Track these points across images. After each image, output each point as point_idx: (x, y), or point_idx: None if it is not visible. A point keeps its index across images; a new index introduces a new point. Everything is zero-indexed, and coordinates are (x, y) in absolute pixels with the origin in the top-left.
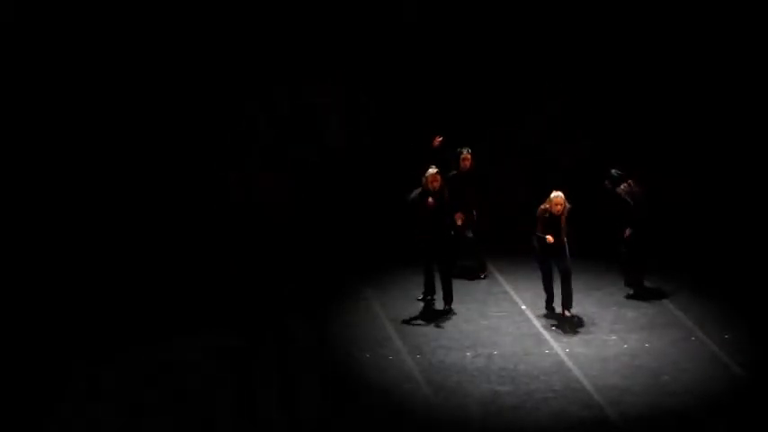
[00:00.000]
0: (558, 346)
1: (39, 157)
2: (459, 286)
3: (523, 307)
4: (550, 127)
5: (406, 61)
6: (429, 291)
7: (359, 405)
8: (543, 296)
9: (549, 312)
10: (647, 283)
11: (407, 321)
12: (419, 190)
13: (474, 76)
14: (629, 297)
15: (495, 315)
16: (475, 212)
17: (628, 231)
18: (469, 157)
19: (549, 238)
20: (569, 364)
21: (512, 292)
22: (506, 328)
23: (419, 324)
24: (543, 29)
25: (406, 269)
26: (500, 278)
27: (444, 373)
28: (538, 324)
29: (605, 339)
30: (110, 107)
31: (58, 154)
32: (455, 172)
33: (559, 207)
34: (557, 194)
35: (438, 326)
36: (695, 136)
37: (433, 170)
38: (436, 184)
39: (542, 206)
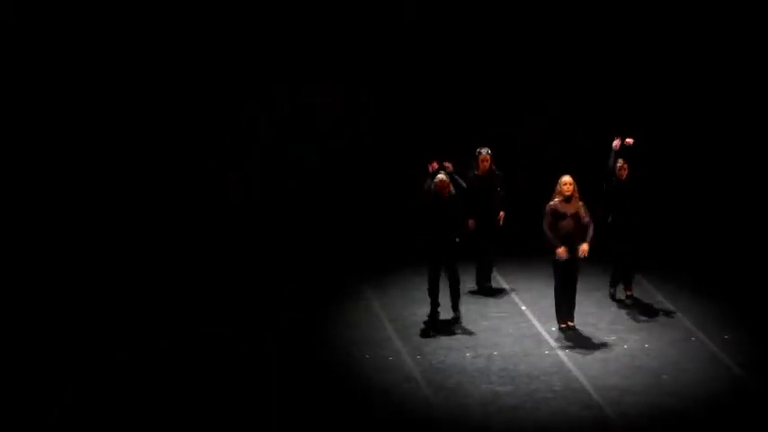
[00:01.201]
0: (558, 347)
1: (39, 157)
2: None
3: (523, 308)
4: (550, 127)
5: (406, 61)
6: (435, 303)
7: (359, 405)
8: (544, 299)
9: (563, 330)
10: (631, 292)
11: (407, 322)
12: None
13: (474, 77)
14: (628, 297)
15: (496, 316)
16: (501, 214)
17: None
18: (489, 157)
19: (561, 251)
20: (569, 364)
21: (512, 293)
22: (506, 329)
23: (419, 325)
24: (543, 29)
25: (406, 269)
26: (500, 279)
27: (444, 373)
28: (538, 324)
29: (605, 339)
30: (110, 107)
31: (58, 154)
32: (475, 173)
33: (569, 187)
34: (564, 176)
35: (438, 326)
36: (695, 136)
37: (441, 176)
38: (445, 192)
39: (551, 201)
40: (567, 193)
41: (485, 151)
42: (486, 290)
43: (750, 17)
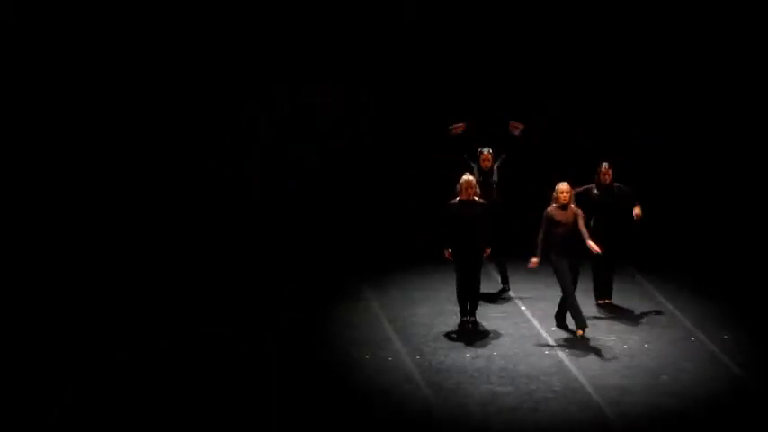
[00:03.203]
0: (558, 347)
1: (39, 157)
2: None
3: (523, 308)
4: (550, 127)
5: (406, 61)
6: (464, 311)
7: (359, 405)
8: (544, 299)
9: (560, 326)
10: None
11: (407, 322)
12: (456, 200)
13: (474, 77)
14: (628, 297)
15: (495, 316)
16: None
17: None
18: (490, 156)
19: (533, 262)
20: (569, 364)
21: (512, 293)
22: (506, 329)
23: (419, 325)
24: (543, 29)
25: (405, 270)
26: (500, 279)
27: (444, 373)
28: (538, 325)
29: (605, 339)
30: (110, 107)
31: (58, 154)
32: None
33: (565, 195)
34: (561, 183)
35: (438, 327)
36: (695, 136)
37: (467, 177)
38: (471, 191)
39: (549, 207)
40: (564, 201)
41: (486, 151)
42: (501, 291)
43: (750, 17)
